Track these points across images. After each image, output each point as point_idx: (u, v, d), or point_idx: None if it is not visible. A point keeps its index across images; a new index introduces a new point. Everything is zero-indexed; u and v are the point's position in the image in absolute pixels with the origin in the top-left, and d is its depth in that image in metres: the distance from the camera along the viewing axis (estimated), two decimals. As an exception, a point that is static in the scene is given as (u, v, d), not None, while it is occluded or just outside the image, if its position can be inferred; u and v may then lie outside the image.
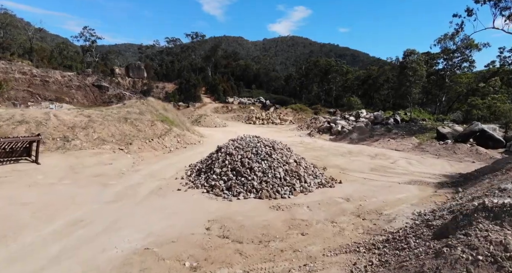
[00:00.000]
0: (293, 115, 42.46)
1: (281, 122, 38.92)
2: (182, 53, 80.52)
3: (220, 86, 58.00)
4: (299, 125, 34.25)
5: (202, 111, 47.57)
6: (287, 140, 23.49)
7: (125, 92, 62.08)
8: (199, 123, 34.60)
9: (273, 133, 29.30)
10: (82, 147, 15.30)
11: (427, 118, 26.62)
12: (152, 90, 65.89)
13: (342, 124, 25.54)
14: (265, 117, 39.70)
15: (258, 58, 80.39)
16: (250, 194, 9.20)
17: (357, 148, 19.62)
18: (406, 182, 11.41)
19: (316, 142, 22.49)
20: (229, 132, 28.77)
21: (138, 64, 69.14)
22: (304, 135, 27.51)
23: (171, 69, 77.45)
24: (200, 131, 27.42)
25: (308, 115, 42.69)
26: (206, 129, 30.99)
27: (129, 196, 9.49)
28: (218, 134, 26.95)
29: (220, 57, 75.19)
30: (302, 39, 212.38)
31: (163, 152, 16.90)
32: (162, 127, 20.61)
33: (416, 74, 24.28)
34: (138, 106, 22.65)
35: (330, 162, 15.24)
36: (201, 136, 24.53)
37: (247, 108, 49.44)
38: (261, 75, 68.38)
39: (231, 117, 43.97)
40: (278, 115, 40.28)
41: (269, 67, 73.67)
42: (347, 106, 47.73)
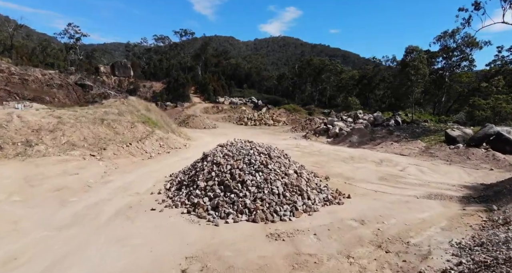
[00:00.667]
0: (286, 116, 40.81)
1: (274, 123, 37.22)
2: (171, 51, 78.14)
3: (210, 86, 55.98)
4: (293, 127, 32.60)
5: (191, 111, 45.52)
6: (281, 143, 21.77)
7: (110, 91, 59.39)
8: (187, 125, 32.61)
9: (266, 135, 27.56)
10: (47, 153, 13.23)
11: (428, 119, 25.27)
12: (139, 89, 63.40)
13: (340, 126, 23.98)
14: (257, 118, 37.95)
15: (250, 57, 78.60)
16: (241, 216, 7.39)
17: (359, 152, 18.01)
18: (424, 196, 9.78)
19: (313, 146, 20.82)
20: (219, 134, 26.91)
21: (124, 63, 66.45)
22: (300, 138, 25.85)
23: (159, 68, 74.98)
24: (188, 134, 25.48)
25: (302, 115, 41.11)
26: (194, 131, 29.05)
27: (89, 219, 7.57)
28: (207, 137, 25.06)
29: (210, 56, 73.11)
30: (293, 39, 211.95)
31: (142, 158, 14.93)
32: (143, 129, 18.62)
33: (419, 73, 22.89)
34: (117, 106, 20.59)
35: (332, 169, 13.54)
36: (188, 139, 22.59)
37: (239, 108, 47.59)
38: (252, 74, 66.61)
39: (222, 118, 42.06)
40: (271, 116, 38.59)
41: (260, 66, 71.94)
42: (342, 106, 46.38)
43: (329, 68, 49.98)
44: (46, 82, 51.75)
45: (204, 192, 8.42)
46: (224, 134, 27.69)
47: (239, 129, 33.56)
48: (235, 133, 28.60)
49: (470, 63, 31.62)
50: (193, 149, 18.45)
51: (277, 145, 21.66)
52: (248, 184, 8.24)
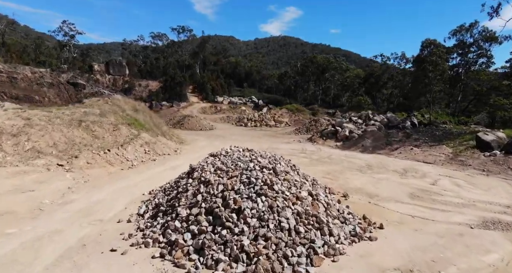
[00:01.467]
0: (288, 117, 38.51)
1: (276, 124, 34.93)
2: (168, 49, 75.90)
3: (209, 85, 53.74)
4: (296, 128, 30.28)
5: (188, 111, 43.25)
6: (285, 147, 19.49)
7: (104, 90, 57.15)
8: (182, 126, 30.32)
9: (267, 138, 25.27)
10: (3, 163, 10.95)
11: (447, 121, 22.97)
12: (134, 89, 61.18)
13: (350, 128, 21.68)
14: (257, 119, 35.66)
15: (250, 56, 76.32)
16: (236, 266, 5.10)
17: (376, 159, 15.70)
18: (479, 224, 7.48)
19: (322, 151, 18.52)
20: (216, 137, 24.64)
21: (119, 61, 64.22)
22: (305, 141, 23.55)
23: (155, 66, 72.79)
24: (181, 136, 23.21)
25: (305, 116, 38.81)
26: (189, 133, 26.76)
27: (16, 269, 5.28)
28: (202, 140, 22.77)
29: (209, 54, 70.88)
30: (294, 39, 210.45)
31: (121, 167, 12.64)
32: (127, 132, 16.34)
33: (437, 69, 20.58)
34: (100, 105, 18.30)
35: (348, 182, 11.25)
36: (180, 142, 20.31)
37: (238, 108, 45.31)
38: (253, 73, 64.36)
39: (220, 119, 39.76)
40: (272, 117, 36.30)
41: (261, 65, 69.68)
42: (348, 106, 44.11)
43: (334, 66, 47.69)
44: (36, 81, 49.56)
45: (186, 224, 6.13)
46: (222, 136, 25.41)
47: (238, 130, 31.26)
48: (234, 135, 26.34)
49: (488, 59, 29.27)
50: (184, 156, 16.16)
51: (281, 149, 19.38)
52: (246, 214, 5.94)
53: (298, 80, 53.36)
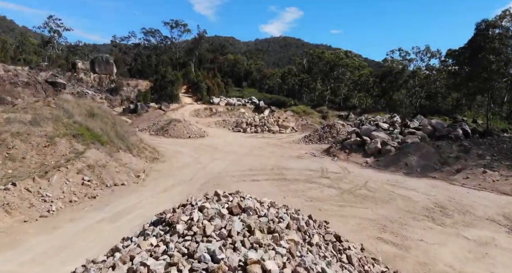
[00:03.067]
0: (294, 120, 33.31)
1: (280, 130, 29.72)
2: (161, 46, 70.87)
3: (203, 84, 48.60)
4: (306, 136, 25.07)
5: (178, 114, 38.05)
6: (298, 166, 14.30)
7: (87, 91, 52.00)
8: (166, 133, 25.09)
9: (272, 150, 20.06)
10: None
11: (507, 128, 17.73)
12: (122, 88, 55.96)
13: (382, 138, 16.46)
14: (258, 123, 30.45)
15: (250, 53, 71.27)
16: None
17: (440, 191, 10.47)
18: None
19: (351, 173, 13.31)
20: (205, 149, 19.43)
21: (106, 58, 59.03)
22: (320, 154, 18.34)
23: (147, 65, 67.82)
24: (160, 148, 18.04)
25: (314, 120, 33.62)
26: (173, 143, 21.57)
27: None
28: (186, 154, 17.57)
29: (205, 51, 65.77)
30: (295, 39, 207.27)
31: (25, 217, 7.43)
32: (67, 148, 11.15)
33: (500, 58, 15.39)
34: (36, 109, 13.10)
35: (430, 256, 6.01)
36: (153, 159, 15.12)
37: (236, 110, 40.14)
38: (253, 71, 59.22)
39: (215, 123, 34.55)
40: (276, 121, 31.10)
41: (261, 63, 64.53)
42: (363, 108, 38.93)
43: (345, 63, 42.50)
44: (9, 80, 44.31)
45: None
46: (214, 147, 20.22)
47: (235, 138, 26.06)
48: (229, 146, 21.14)
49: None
50: (148, 186, 10.91)
51: (292, 170, 14.18)
52: None
53: (303, 78, 48.26)
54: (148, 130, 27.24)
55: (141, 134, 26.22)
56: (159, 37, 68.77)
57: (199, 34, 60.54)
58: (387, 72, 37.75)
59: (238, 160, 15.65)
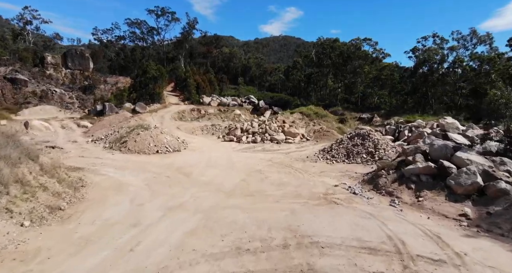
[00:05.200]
0: (304, 125, 26.06)
1: (287, 139, 22.40)
2: (147, 38, 63.66)
3: (192, 80, 41.27)
4: (325, 149, 17.74)
5: (157, 117, 30.84)
6: (339, 231, 6.86)
7: (55, 89, 44.61)
8: (124, 145, 17.76)
9: (280, 174, 12.85)
10: None
11: None
12: (97, 86, 48.70)
13: (480, 164, 9.18)
14: (257, 130, 23.14)
15: (248, 46, 63.99)
16: None
17: None
18: None
19: (459, 257, 5.94)
20: (171, 177, 12.15)
21: (81, 51, 51.75)
22: (362, 188, 11.09)
23: (130, 59, 60.52)
24: (98, 175, 10.83)
25: (329, 124, 26.33)
26: (125, 163, 14.32)
27: None
28: (132, 190, 10.28)
29: (197, 43, 58.52)
30: (295, 39, 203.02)
31: None
32: None
33: None
34: None
35: None
36: (51, 210, 7.76)
37: (230, 112, 32.87)
38: (251, 66, 51.96)
39: (203, 128, 27.23)
40: (281, 126, 23.77)
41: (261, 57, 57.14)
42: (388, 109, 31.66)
43: (363, 54, 35.21)
44: (-49, 76, 37.16)
45: None
46: (187, 173, 12.94)
47: (225, 152, 18.74)
48: (213, 169, 13.95)
49: None
50: None
51: (334, 248, 6.42)
52: None
53: (312, 73, 41.02)
54: (104, 141, 19.96)
55: (89, 146, 18.90)
56: (145, 28, 61.47)
57: (189, 23, 53.31)
58: (419, 64, 30.40)
59: (219, 213, 8.32)
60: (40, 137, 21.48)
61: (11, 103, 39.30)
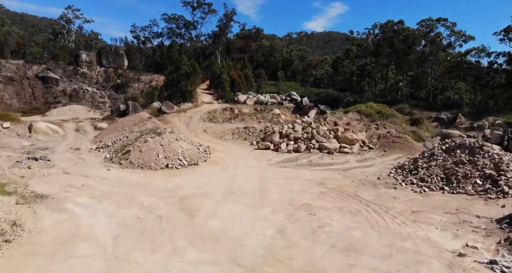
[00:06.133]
0: (363, 128, 20.26)
1: (342, 147, 16.84)
2: (185, 34, 61.06)
3: (226, 77, 37.05)
4: (404, 166, 12.04)
5: (184, 118, 27.04)
6: None
7: (87, 88, 43.19)
8: (126, 156, 13.68)
9: (348, 223, 7.43)
10: None
11: None
12: (131, 85, 46.72)
13: None
14: (301, 135, 17.87)
15: (290, 37, 58.49)
16: None
17: None
18: None
19: None
20: (171, 221, 7.25)
21: (115, 49, 50.29)
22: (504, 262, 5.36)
23: (167, 56, 58.30)
24: (47, 211, 6.66)
25: (398, 127, 20.18)
26: (117, 183, 10.08)
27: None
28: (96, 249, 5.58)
29: (235, 37, 54.45)
30: (340, 34, 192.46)
31: None
32: None
33: None
34: None
35: None
36: None
37: (268, 112, 27.93)
38: (294, 59, 46.48)
39: (234, 131, 22.57)
40: (333, 130, 18.24)
41: (305, 49, 51.27)
42: (476, 107, 24.61)
43: (437, 38, 28.07)
44: (-14, 75, 36.82)
45: None
46: (190, 213, 8.28)
47: (256, 169, 13.80)
48: (232, 202, 9.07)
49: None
50: None
51: None
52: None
53: (366, 64, 34.61)
54: (109, 149, 16.18)
55: (89, 157, 15.15)
56: (182, 23, 58.83)
57: (226, 14, 49.25)
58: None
59: None
60: (42, 143, 18.40)
61: (41, 103, 38.37)
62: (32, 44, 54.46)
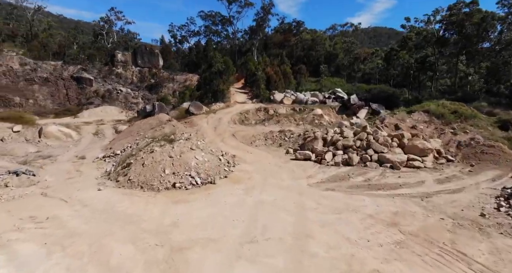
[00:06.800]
0: (435, 133, 15.67)
1: (411, 161, 12.58)
2: (222, 31, 58.90)
3: (261, 73, 33.74)
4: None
5: (213, 119, 24.13)
6: None
7: (121, 88, 42.45)
8: (125, 171, 10.83)
9: None
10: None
11: None
12: (165, 85, 45.30)
13: None
14: (352, 142, 13.87)
15: (334, 29, 53.63)
16: None
17: None
18: None
19: None
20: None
21: (151, 48, 49.31)
22: None
23: (203, 55, 56.58)
24: None
25: (485, 132, 15.26)
26: (103, 213, 6.98)
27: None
28: None
29: (273, 32, 50.97)
30: (386, 29, 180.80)
31: None
32: None
33: None
34: None
35: None
36: None
37: (308, 112, 24.09)
38: (338, 53, 41.83)
39: (267, 136, 19.08)
40: (396, 136, 14.01)
41: (352, 40, 46.16)
42: None
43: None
44: (24, 76, 37.39)
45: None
46: None
47: (289, 193, 10.18)
48: (249, 265, 5.38)
49: None
50: None
51: None
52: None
53: (427, 55, 29.22)
54: (117, 158, 13.59)
55: (87, 169, 12.60)
56: (218, 19, 56.69)
57: (264, 7, 45.93)
58: None
59: None
60: (50, 149, 16.42)
61: (74, 104, 38.03)
62: (72, 46, 55.23)
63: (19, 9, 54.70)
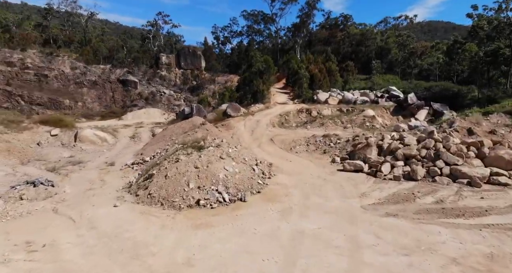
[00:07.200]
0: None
1: (494, 176, 9.85)
2: (264, 30, 57.58)
3: (304, 72, 31.58)
4: None
5: (251, 122, 22.65)
6: None
7: (164, 90, 42.98)
8: (146, 184, 9.63)
9: None
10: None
11: None
12: (207, 86, 45.00)
13: None
14: (415, 151, 11.37)
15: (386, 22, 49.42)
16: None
17: None
18: None
19: None
20: None
21: (193, 50, 49.43)
22: None
23: (244, 55, 55.70)
24: None
25: None
26: (110, 239, 5.64)
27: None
28: None
29: (318, 28, 48.33)
30: (442, 23, 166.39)
31: None
32: None
33: None
34: None
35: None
36: None
37: (357, 113, 21.54)
38: (391, 48, 38.11)
39: (308, 141, 17.02)
40: (472, 144, 11.26)
41: (407, 34, 41.84)
42: None
43: None
44: (74, 79, 39.07)
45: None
46: None
47: (339, 219, 8.17)
48: None
49: None
50: None
51: None
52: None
53: (500, 47, 24.89)
54: (146, 166, 12.62)
55: (112, 179, 11.69)
56: (261, 18, 55.42)
57: (308, 2, 43.54)
58: None
59: None
60: (83, 153, 16.07)
61: (119, 106, 39.10)
62: (121, 50, 57.45)
63: (74, 16, 58.10)
